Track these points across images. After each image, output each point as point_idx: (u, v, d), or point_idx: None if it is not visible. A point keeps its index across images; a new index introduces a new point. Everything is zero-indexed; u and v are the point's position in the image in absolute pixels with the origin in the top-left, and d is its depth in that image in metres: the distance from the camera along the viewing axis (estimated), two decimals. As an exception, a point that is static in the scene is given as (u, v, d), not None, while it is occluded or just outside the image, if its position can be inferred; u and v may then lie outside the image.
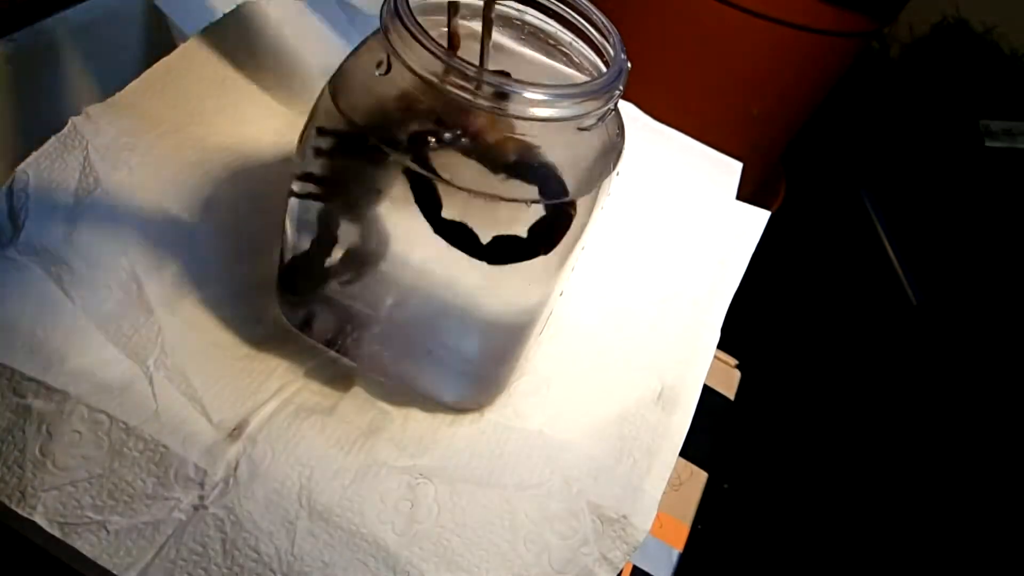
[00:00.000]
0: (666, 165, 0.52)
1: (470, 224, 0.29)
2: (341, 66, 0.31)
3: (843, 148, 1.37)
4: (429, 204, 0.29)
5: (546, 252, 0.30)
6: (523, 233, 0.29)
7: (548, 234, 0.30)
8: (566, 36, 0.33)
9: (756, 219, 0.50)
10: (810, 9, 0.86)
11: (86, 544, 0.30)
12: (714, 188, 0.52)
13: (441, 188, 0.29)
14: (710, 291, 0.45)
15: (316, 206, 0.32)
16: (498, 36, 0.34)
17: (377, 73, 0.29)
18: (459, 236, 0.29)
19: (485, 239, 0.29)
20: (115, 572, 0.29)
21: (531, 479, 0.34)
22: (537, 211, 0.29)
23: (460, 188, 0.28)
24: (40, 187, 0.37)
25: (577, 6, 0.32)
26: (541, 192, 0.29)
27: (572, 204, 0.30)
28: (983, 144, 1.17)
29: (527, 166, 0.29)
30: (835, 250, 1.31)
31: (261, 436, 0.32)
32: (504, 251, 0.30)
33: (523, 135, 0.29)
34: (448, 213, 0.29)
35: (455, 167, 0.29)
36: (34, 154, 0.38)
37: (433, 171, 0.28)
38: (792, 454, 1.03)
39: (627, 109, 0.54)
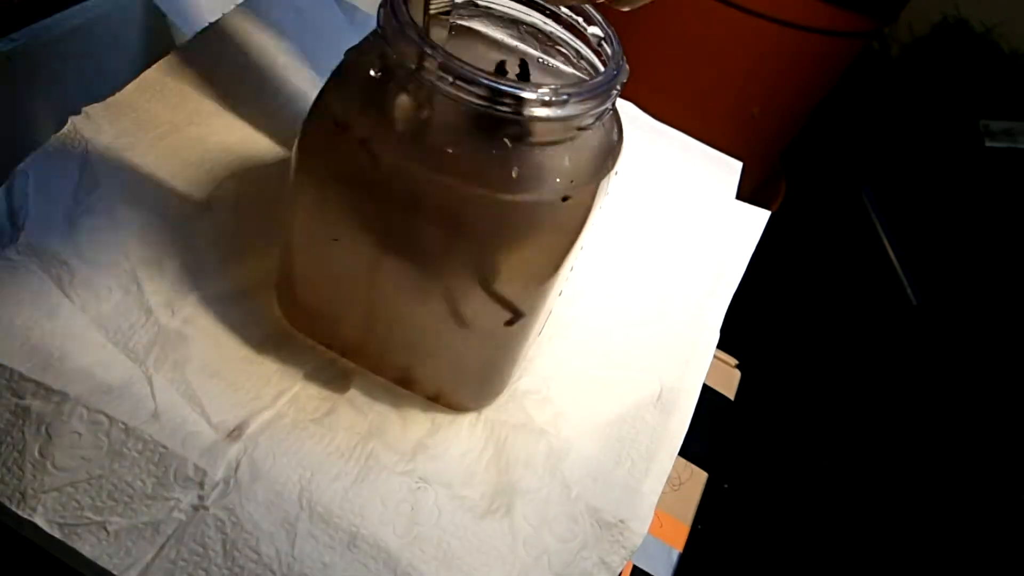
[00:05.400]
0: (666, 165, 0.52)
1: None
2: (339, 66, 0.31)
3: (843, 148, 1.37)
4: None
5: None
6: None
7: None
8: (564, 35, 0.33)
9: (756, 219, 0.50)
10: (810, 9, 0.86)
11: (86, 545, 0.30)
12: (714, 188, 0.52)
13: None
14: (710, 291, 0.45)
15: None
16: (497, 35, 0.34)
17: (374, 73, 0.29)
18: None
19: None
20: (115, 573, 0.29)
21: (531, 482, 0.34)
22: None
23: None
24: (40, 187, 0.37)
25: (575, 5, 0.32)
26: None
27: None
28: (983, 144, 1.17)
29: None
30: (835, 250, 1.31)
31: (262, 437, 0.32)
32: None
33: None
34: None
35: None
36: (34, 154, 0.38)
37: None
38: (792, 454, 1.03)
39: (627, 109, 0.54)
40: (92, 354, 0.33)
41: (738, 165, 0.54)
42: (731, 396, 0.50)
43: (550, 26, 0.33)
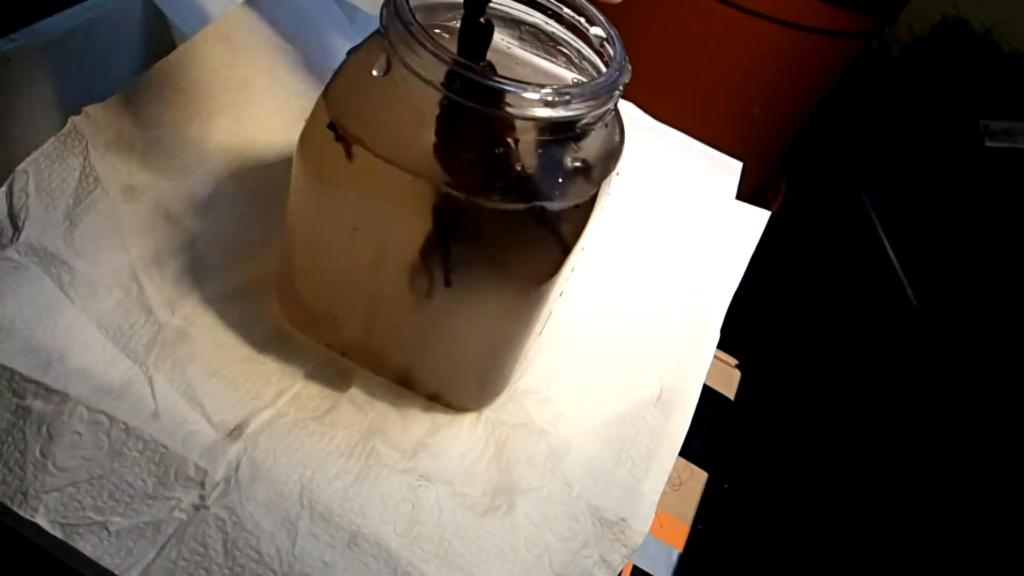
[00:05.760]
0: (666, 165, 0.52)
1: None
2: (341, 66, 0.31)
3: (843, 148, 1.37)
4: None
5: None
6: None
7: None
8: (566, 36, 0.33)
9: (756, 219, 0.50)
10: (810, 9, 0.86)
11: (88, 545, 0.30)
12: (714, 188, 0.52)
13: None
14: (710, 291, 0.45)
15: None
16: (498, 36, 0.34)
17: (376, 73, 0.29)
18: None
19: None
20: (117, 572, 0.29)
21: (532, 481, 0.34)
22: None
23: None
24: (40, 187, 0.37)
25: (577, 6, 0.32)
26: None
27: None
28: (983, 144, 1.17)
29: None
30: (835, 250, 1.31)
31: (262, 437, 0.32)
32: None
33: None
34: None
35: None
36: (34, 154, 0.38)
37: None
38: (792, 454, 1.03)
39: (627, 109, 0.54)
40: (92, 354, 0.33)
41: (738, 165, 0.54)
42: (731, 396, 0.50)
43: (552, 27, 0.33)
